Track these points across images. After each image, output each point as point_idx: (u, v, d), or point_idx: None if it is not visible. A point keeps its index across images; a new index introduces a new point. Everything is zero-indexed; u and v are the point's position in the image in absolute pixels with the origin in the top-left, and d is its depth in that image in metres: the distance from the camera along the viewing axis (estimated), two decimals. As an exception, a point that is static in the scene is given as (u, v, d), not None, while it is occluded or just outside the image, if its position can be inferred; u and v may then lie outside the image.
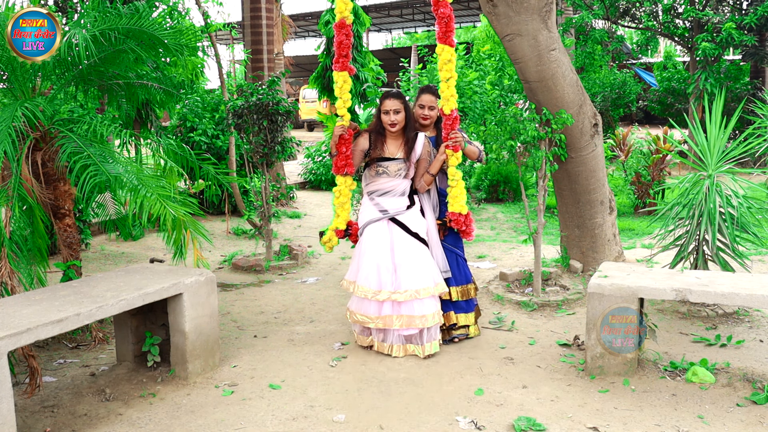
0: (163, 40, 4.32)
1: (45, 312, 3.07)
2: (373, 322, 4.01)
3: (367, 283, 3.99)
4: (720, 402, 3.36)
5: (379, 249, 4.02)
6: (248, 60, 10.74)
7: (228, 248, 7.26)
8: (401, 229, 4.04)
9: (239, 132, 6.44)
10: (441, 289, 4.04)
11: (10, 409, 2.76)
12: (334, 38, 4.17)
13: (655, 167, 8.85)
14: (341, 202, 4.29)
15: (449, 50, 4.11)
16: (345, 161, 4.15)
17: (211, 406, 3.41)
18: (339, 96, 4.18)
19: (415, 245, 4.03)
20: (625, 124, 17.73)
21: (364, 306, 4.04)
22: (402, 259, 3.99)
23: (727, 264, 4.58)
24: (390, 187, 4.10)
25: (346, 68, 4.16)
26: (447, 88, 4.10)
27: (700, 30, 12.47)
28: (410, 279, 3.95)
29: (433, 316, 3.99)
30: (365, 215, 4.13)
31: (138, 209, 3.86)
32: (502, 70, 10.20)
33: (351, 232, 4.28)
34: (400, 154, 4.09)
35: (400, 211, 4.06)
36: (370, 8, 28.90)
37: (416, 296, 3.93)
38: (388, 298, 3.95)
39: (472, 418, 3.24)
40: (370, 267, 4.00)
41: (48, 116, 4.17)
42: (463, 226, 4.15)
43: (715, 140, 4.71)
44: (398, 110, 4.04)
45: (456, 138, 4.07)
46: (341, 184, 4.27)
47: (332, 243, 4.31)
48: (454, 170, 4.12)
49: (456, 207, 4.13)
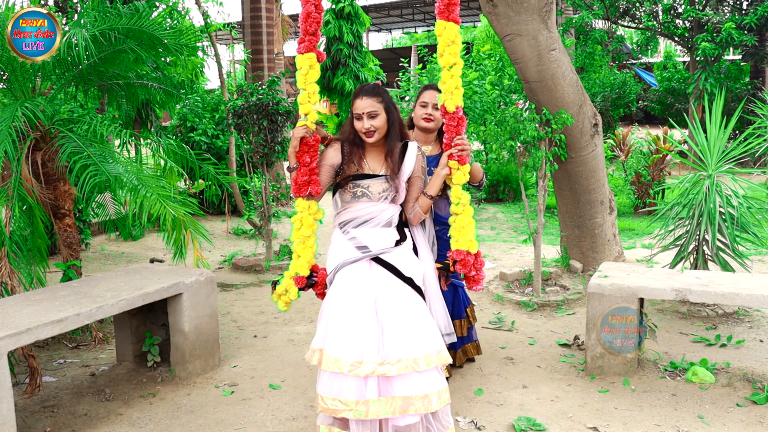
0: (163, 40, 4.33)
1: (45, 312, 3.07)
2: (352, 410, 2.68)
3: (342, 351, 2.71)
4: (720, 402, 3.36)
5: (358, 302, 2.77)
6: (248, 60, 10.75)
7: (228, 248, 7.26)
8: (389, 273, 2.86)
9: (239, 132, 6.44)
10: (444, 358, 2.80)
11: (10, 409, 2.76)
12: (301, 10, 3.06)
13: (655, 167, 8.85)
14: (303, 236, 3.05)
15: (453, 28, 2.98)
16: (308, 176, 2.99)
17: (211, 406, 3.41)
18: (303, 87, 3.03)
19: (410, 295, 2.84)
20: (625, 124, 17.75)
21: (336, 385, 2.71)
22: (391, 316, 2.77)
23: (727, 264, 4.59)
24: (371, 215, 2.96)
25: (312, 50, 3.03)
26: (450, 78, 2.98)
27: (700, 30, 12.47)
28: (404, 344, 2.72)
29: (439, 395, 2.74)
30: (337, 255, 2.94)
31: (138, 209, 3.86)
32: (502, 70, 10.20)
33: (316, 280, 3.12)
34: (383, 171, 2.98)
35: (387, 248, 2.91)
36: (370, 8, 28.92)
37: (414, 368, 2.70)
38: (373, 372, 2.68)
39: (472, 418, 3.24)
40: (344, 328, 2.74)
41: (48, 116, 4.17)
42: (472, 269, 3.01)
43: (715, 140, 4.71)
44: (374, 113, 2.90)
45: (463, 145, 3.00)
46: (303, 210, 3.03)
47: (289, 296, 3.13)
48: (460, 191, 3.03)
49: (463, 243, 3.00)
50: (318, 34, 3.06)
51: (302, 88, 3.04)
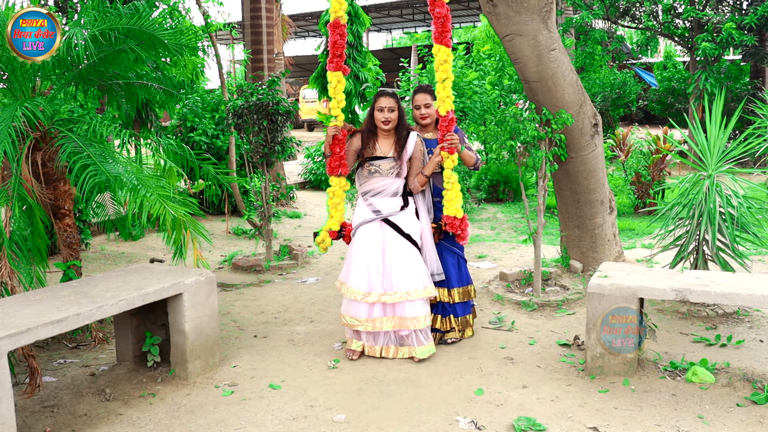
0: (163, 40, 4.32)
1: (45, 312, 3.07)
2: (362, 324, 3.95)
3: (357, 284, 3.95)
4: (720, 402, 3.36)
5: (370, 250, 3.98)
6: (248, 60, 10.74)
7: (228, 248, 7.26)
8: (394, 231, 4.00)
9: (239, 132, 6.44)
10: (430, 292, 4.00)
11: (10, 409, 2.76)
12: (329, 38, 4.19)
13: (655, 167, 8.85)
14: (335, 203, 4.28)
15: (445, 51, 4.07)
16: (339, 162, 4.14)
17: (211, 406, 3.41)
18: (333, 96, 4.18)
19: (407, 247, 3.99)
20: (625, 124, 17.73)
21: (353, 308, 3.98)
22: (393, 260, 3.95)
23: (727, 264, 4.58)
24: (382, 187, 4.06)
25: (340, 68, 4.18)
26: (443, 89, 4.07)
27: (700, 30, 12.47)
28: (401, 280, 3.91)
29: (425, 318, 3.96)
30: (359, 216, 4.11)
31: (138, 209, 3.86)
32: (502, 70, 10.21)
33: (344, 233, 4.27)
34: (391, 153, 4.07)
35: (394, 212, 4.04)
36: (370, 8, 28.91)
37: (407, 298, 3.90)
38: (378, 300, 3.92)
39: (472, 418, 3.24)
40: (360, 268, 3.96)
41: (48, 116, 4.17)
42: (459, 230, 4.12)
43: (715, 140, 4.71)
44: (392, 108, 4.04)
45: (452, 140, 4.04)
46: (335, 185, 4.26)
47: (326, 244, 4.30)
48: (450, 173, 4.08)
49: (451, 210, 4.09)
50: (343, 55, 4.18)
51: (333, 97, 4.19)
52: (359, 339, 4.04)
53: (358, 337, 4.05)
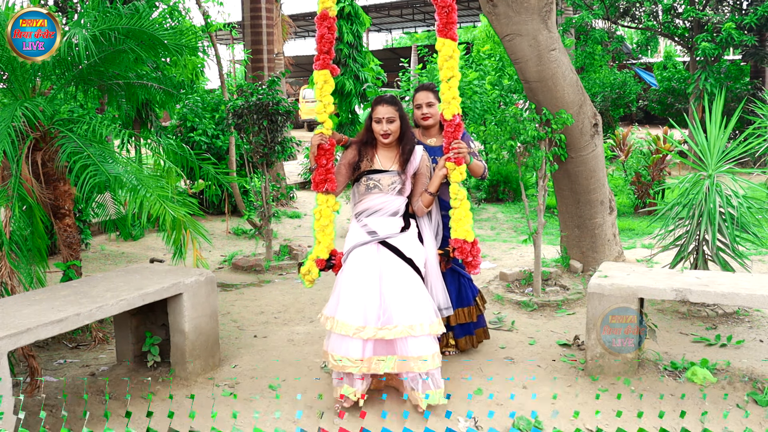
0: (163, 40, 4.32)
1: (45, 312, 3.07)
2: (355, 366, 3.21)
3: (348, 317, 3.22)
4: (720, 402, 3.36)
5: (365, 276, 3.28)
6: (248, 60, 10.75)
7: (228, 248, 7.26)
8: (393, 254, 3.33)
9: (239, 132, 6.44)
10: (437, 329, 3.29)
11: (10, 409, 2.76)
12: (316, 32, 3.56)
13: (655, 167, 8.85)
14: (322, 225, 3.58)
15: (451, 45, 3.44)
16: (325, 176, 3.53)
17: (211, 406, 3.41)
18: (319, 99, 3.53)
19: (409, 273, 3.32)
20: (625, 124, 17.75)
21: (344, 346, 3.24)
22: (391, 288, 3.26)
23: (727, 264, 4.58)
24: (381, 205, 3.45)
25: (327, 66, 3.53)
26: (448, 90, 3.44)
27: (700, 30, 12.47)
28: (402, 312, 3.21)
29: (433, 358, 3.24)
30: (351, 239, 3.46)
31: (138, 209, 3.86)
32: (502, 70, 10.21)
33: (334, 262, 3.60)
34: (394, 167, 3.48)
35: (393, 233, 3.39)
36: (370, 8, 28.93)
37: (410, 333, 3.20)
38: (374, 335, 3.20)
39: (472, 418, 3.23)
40: (352, 298, 3.26)
41: (48, 116, 4.17)
42: (469, 256, 3.46)
43: (715, 140, 4.71)
44: (392, 119, 3.43)
45: (459, 148, 3.43)
46: (321, 203, 3.57)
47: (312, 275, 3.60)
48: (457, 187, 3.45)
49: (461, 233, 3.44)
50: (332, 52, 3.55)
51: (318, 100, 3.53)
52: (352, 385, 3.29)
53: (350, 381, 3.30)
